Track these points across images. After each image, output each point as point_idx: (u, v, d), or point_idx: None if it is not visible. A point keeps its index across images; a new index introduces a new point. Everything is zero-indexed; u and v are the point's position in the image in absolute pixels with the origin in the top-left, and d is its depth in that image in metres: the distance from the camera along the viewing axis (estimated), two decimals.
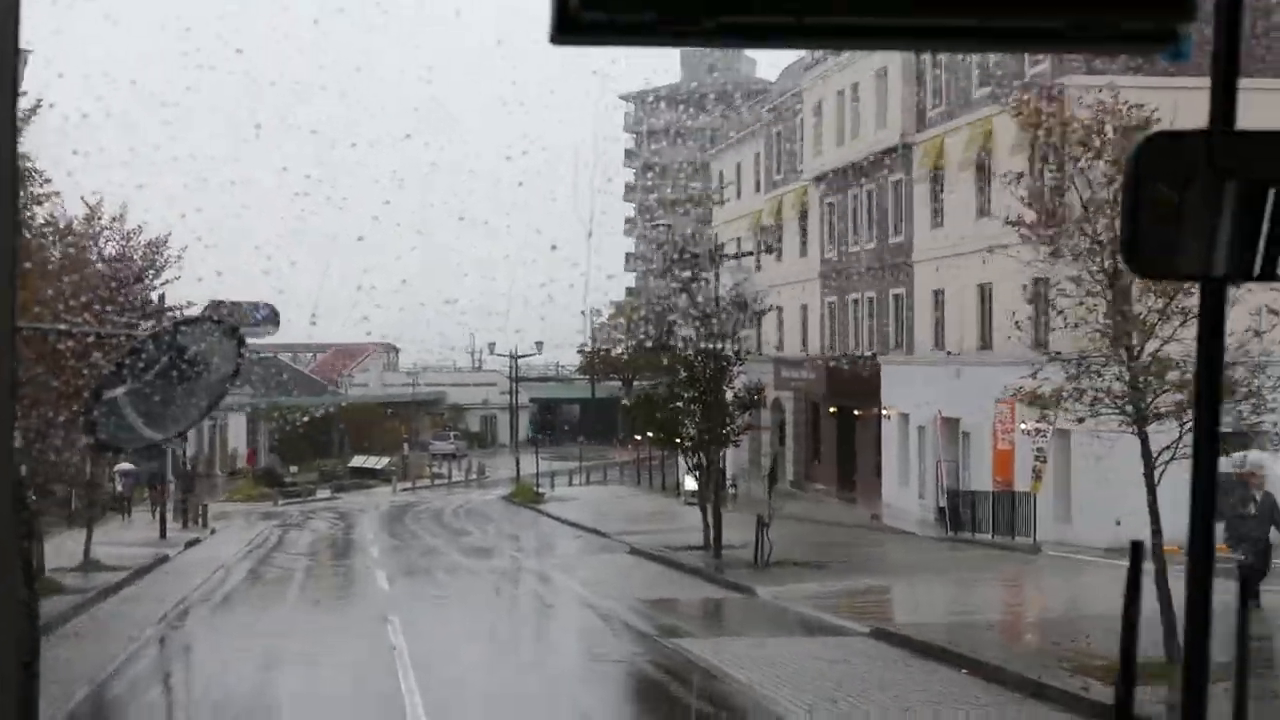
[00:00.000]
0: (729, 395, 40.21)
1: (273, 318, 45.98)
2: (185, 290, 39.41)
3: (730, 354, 39.83)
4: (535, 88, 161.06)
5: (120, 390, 4.51)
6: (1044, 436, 37.03)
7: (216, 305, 45.03)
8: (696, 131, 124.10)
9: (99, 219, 31.62)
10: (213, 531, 51.69)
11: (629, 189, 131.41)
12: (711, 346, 38.98)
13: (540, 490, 67.98)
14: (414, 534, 50.63)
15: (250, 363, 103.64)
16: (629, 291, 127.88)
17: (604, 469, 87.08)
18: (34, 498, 37.49)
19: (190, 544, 45.09)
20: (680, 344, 40.59)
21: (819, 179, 61.11)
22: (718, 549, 37.68)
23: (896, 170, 53.31)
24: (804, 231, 63.22)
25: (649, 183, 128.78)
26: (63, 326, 33.25)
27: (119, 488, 62.77)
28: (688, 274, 42.03)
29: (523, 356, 74.36)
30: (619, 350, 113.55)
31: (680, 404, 39.86)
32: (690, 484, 62.68)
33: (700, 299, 40.46)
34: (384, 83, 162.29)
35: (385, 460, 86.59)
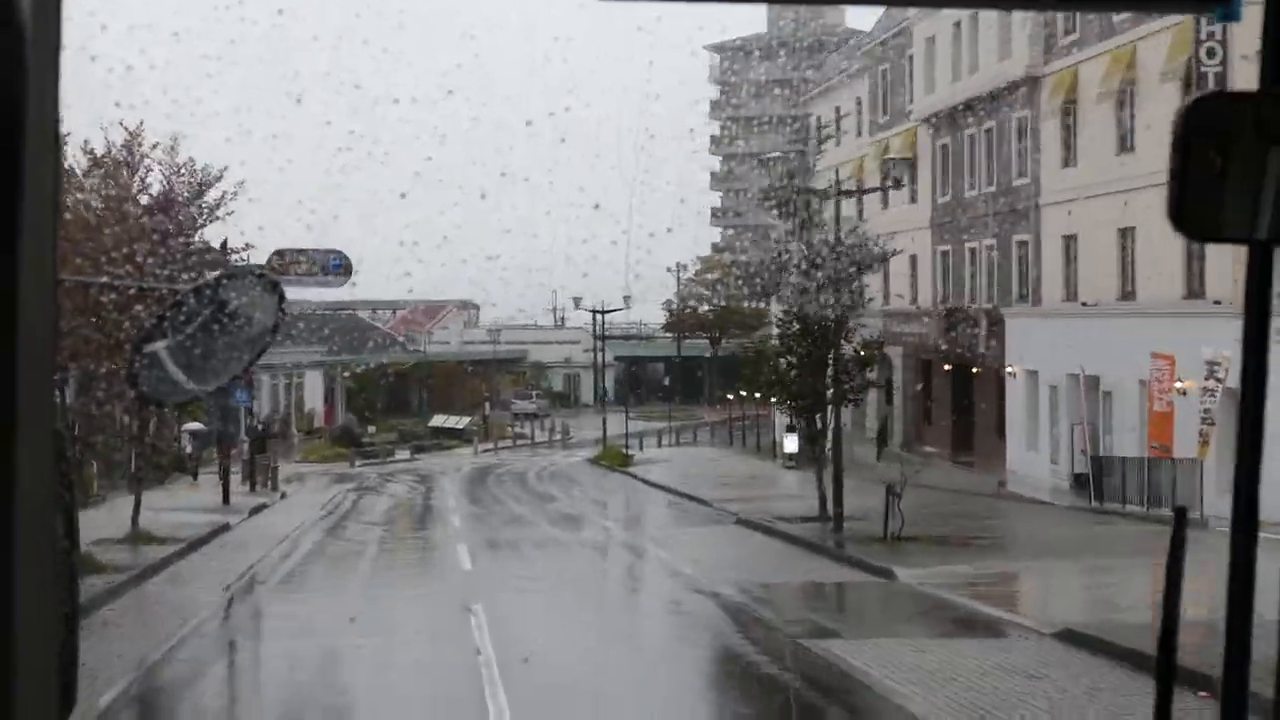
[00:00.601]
0: (847, 350, 35.80)
1: (346, 266, 41.95)
2: (232, 241, 35.71)
3: (848, 303, 35.30)
4: (580, 43, 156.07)
5: (162, 343, 4.34)
6: (1212, 397, 32.29)
7: (283, 254, 41.08)
8: (785, 82, 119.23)
9: (139, 145, 27.74)
10: (283, 495, 47.91)
11: (714, 142, 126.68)
12: (830, 297, 34.48)
13: (629, 452, 63.76)
14: (497, 499, 46.62)
15: (326, 319, 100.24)
16: (714, 248, 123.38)
17: (692, 429, 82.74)
18: (77, 450, 33.61)
19: (256, 510, 41.23)
20: (791, 293, 36.10)
21: (930, 120, 56.35)
22: (839, 521, 33.35)
23: (1021, 106, 48.47)
24: (913, 176, 58.38)
25: (736, 133, 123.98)
26: (104, 279, 29.63)
27: (187, 448, 59.45)
28: (800, 218, 37.50)
29: (610, 311, 69.79)
30: (706, 307, 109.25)
31: (794, 359, 35.46)
32: (790, 445, 58.48)
33: (815, 242, 35.95)
34: (426, 39, 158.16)
35: (466, 420, 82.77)
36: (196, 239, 30.20)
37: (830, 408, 35.47)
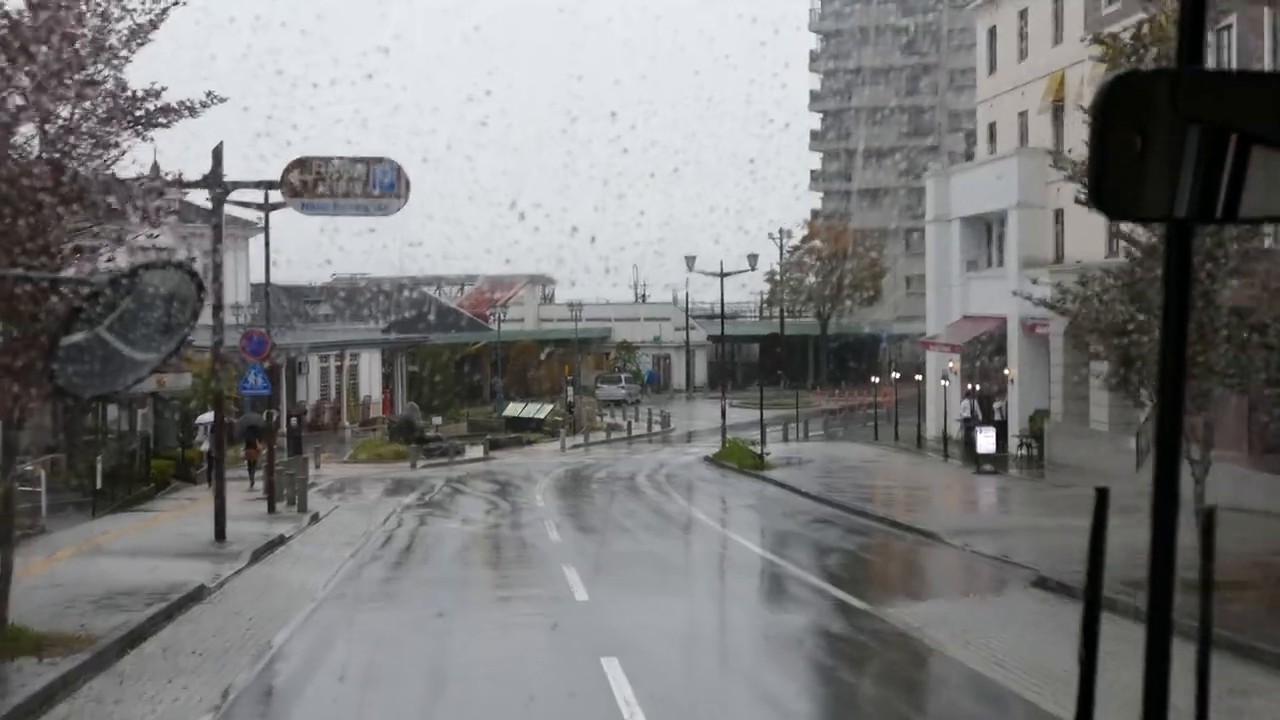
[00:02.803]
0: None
1: (400, 183, 27.43)
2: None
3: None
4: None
5: (80, 336, 4.07)
6: None
7: (305, 166, 26.70)
8: (898, 29, 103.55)
9: None
10: (314, 518, 33.24)
11: (815, 98, 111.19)
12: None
13: (762, 451, 48.61)
14: (619, 526, 31.77)
15: (381, 291, 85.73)
16: (814, 214, 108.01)
17: (811, 420, 67.42)
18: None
19: (261, 553, 26.47)
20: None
21: None
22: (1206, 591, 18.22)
23: None
24: None
25: (842, 88, 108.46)
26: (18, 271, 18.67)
27: (203, 444, 45.12)
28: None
29: (732, 274, 54.66)
30: (812, 278, 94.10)
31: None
32: (986, 444, 43.48)
33: None
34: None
35: (547, 409, 67.91)
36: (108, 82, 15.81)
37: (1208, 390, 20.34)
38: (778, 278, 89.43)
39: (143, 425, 40.30)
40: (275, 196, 31.96)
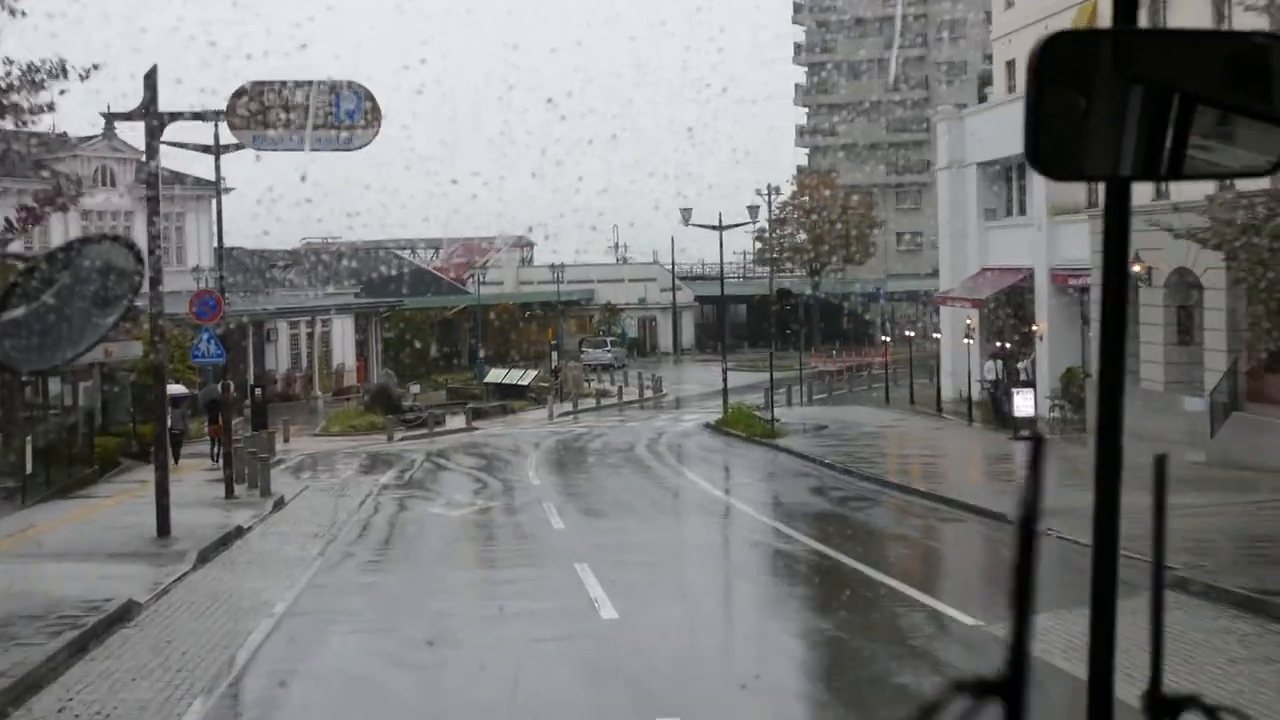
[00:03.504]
0: None
1: (368, 110, 22.90)
2: None
3: None
4: None
5: (19, 310, 4.00)
6: None
7: (255, 93, 22.14)
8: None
9: None
10: (277, 504, 28.59)
11: (799, 50, 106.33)
12: None
13: (771, 418, 43.99)
14: (629, 508, 27.23)
15: (354, 252, 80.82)
16: (800, 170, 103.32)
17: (812, 382, 62.77)
18: None
19: (211, 552, 21.79)
20: None
21: None
22: None
23: None
24: None
25: (827, 43, 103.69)
26: None
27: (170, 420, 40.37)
28: None
29: (732, 226, 50.02)
30: (803, 235, 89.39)
31: None
32: (1024, 406, 39.03)
33: None
34: None
35: (531, 374, 63.21)
36: None
37: None
38: (766, 234, 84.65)
39: (86, 399, 35.52)
40: (227, 136, 27.29)
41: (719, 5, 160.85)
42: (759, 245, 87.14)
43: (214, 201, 66.45)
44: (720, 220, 49.60)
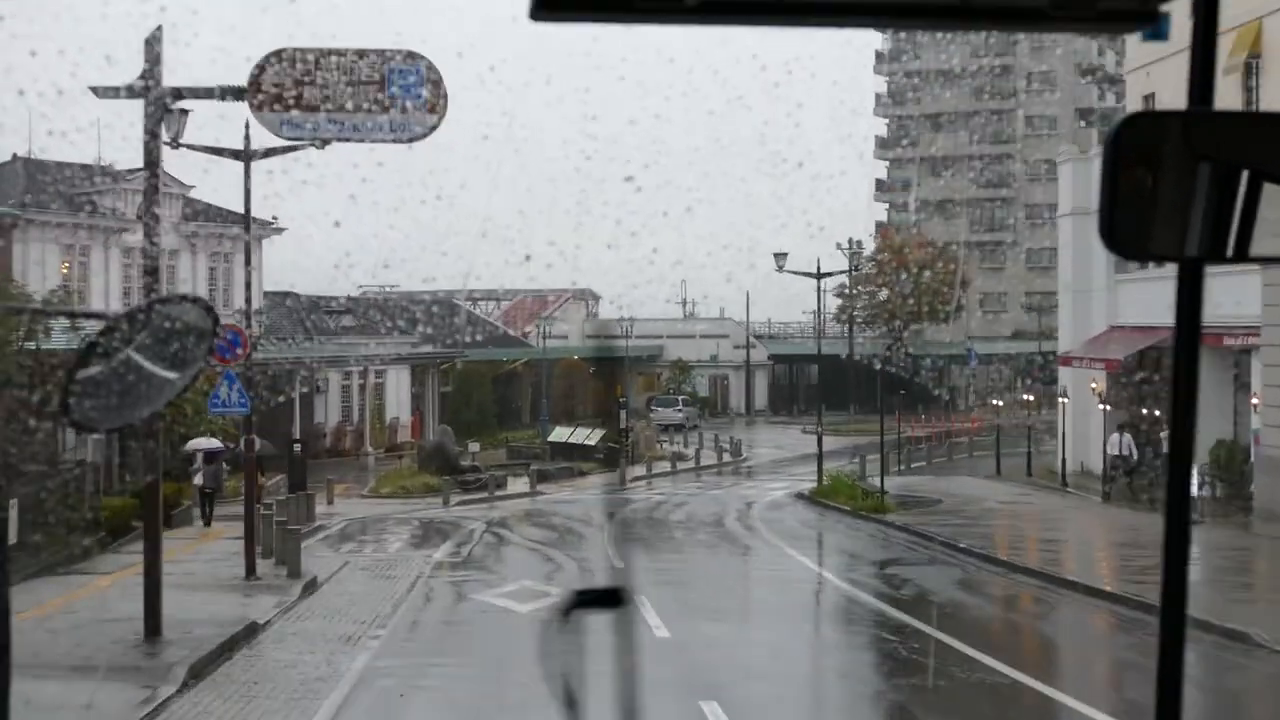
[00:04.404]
0: None
1: (435, 93, 17.50)
2: None
3: None
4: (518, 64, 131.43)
5: (96, 369, 3.86)
6: None
7: (283, 55, 16.79)
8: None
9: None
10: (308, 587, 23.03)
11: (879, 101, 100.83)
12: None
13: (881, 489, 37.97)
14: (749, 605, 21.48)
15: (413, 302, 75.71)
16: (878, 226, 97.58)
17: (900, 449, 56.56)
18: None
19: (196, 675, 16.06)
20: None
21: None
22: None
23: None
24: None
25: (907, 90, 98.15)
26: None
27: (197, 478, 35.26)
28: None
29: (828, 275, 44.28)
30: (885, 294, 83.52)
31: None
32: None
33: None
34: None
35: (599, 434, 57.46)
36: None
37: None
38: (848, 291, 78.80)
39: (93, 453, 30.13)
40: (263, 139, 22.03)
41: (798, 82, 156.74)
42: (840, 302, 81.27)
43: (264, 242, 61.91)
44: (818, 267, 43.86)
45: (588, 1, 1.81)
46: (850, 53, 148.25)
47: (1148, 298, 40.81)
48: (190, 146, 23.37)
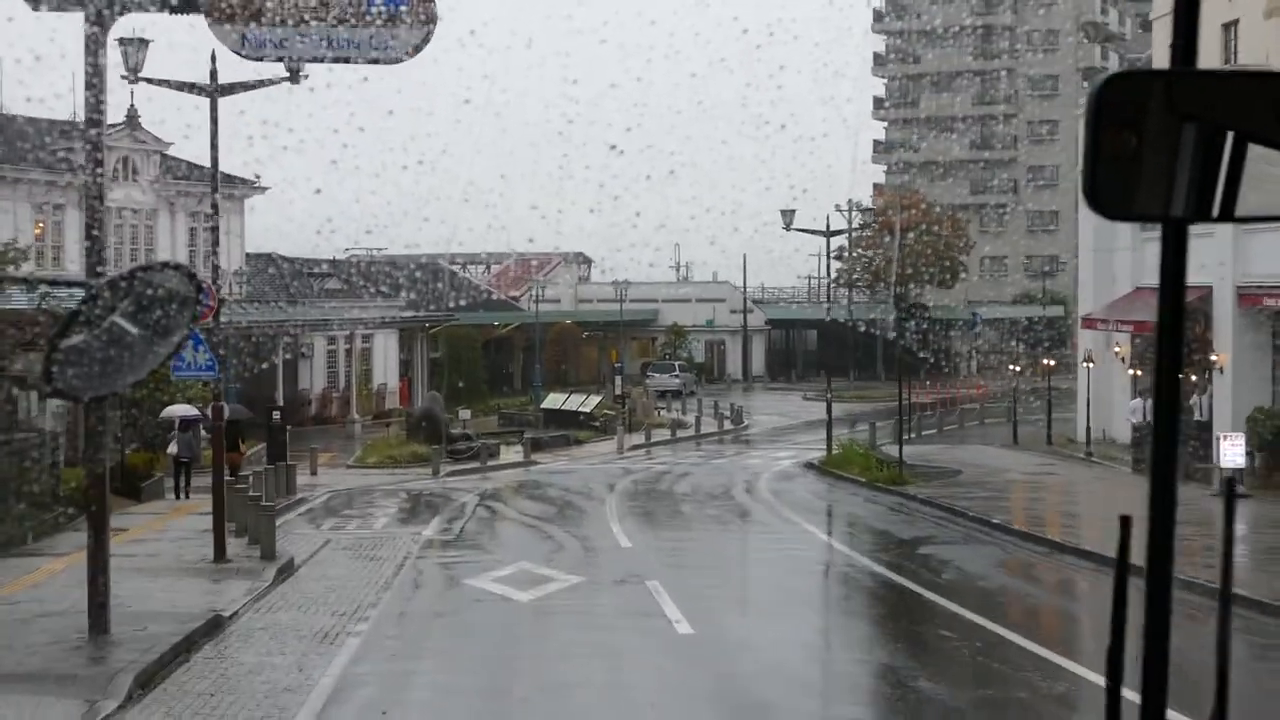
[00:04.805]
0: None
1: (417, 8, 14.88)
2: None
3: None
4: None
5: (80, 337, 4.04)
6: None
7: None
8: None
9: None
10: (284, 571, 20.58)
11: (879, 60, 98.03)
12: None
13: (900, 459, 35.44)
14: (771, 592, 19.07)
15: (400, 265, 73.08)
16: (876, 187, 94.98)
17: (906, 415, 54.02)
18: None
19: (144, 685, 13.52)
20: None
21: None
22: None
23: None
24: None
25: (910, 41, 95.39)
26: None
27: (172, 447, 32.90)
28: None
29: (837, 233, 41.67)
30: (892, 254, 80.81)
31: None
32: (1233, 456, 30.54)
33: None
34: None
35: (594, 400, 55.03)
36: None
37: None
38: (848, 254, 76.27)
39: (53, 422, 27.58)
40: (232, 70, 19.52)
41: (779, 44, 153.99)
42: (839, 266, 78.69)
43: (245, 202, 59.16)
44: (828, 225, 41.20)
45: None
46: (833, 13, 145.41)
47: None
48: (149, 80, 20.78)
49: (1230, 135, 2.01)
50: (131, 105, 55.05)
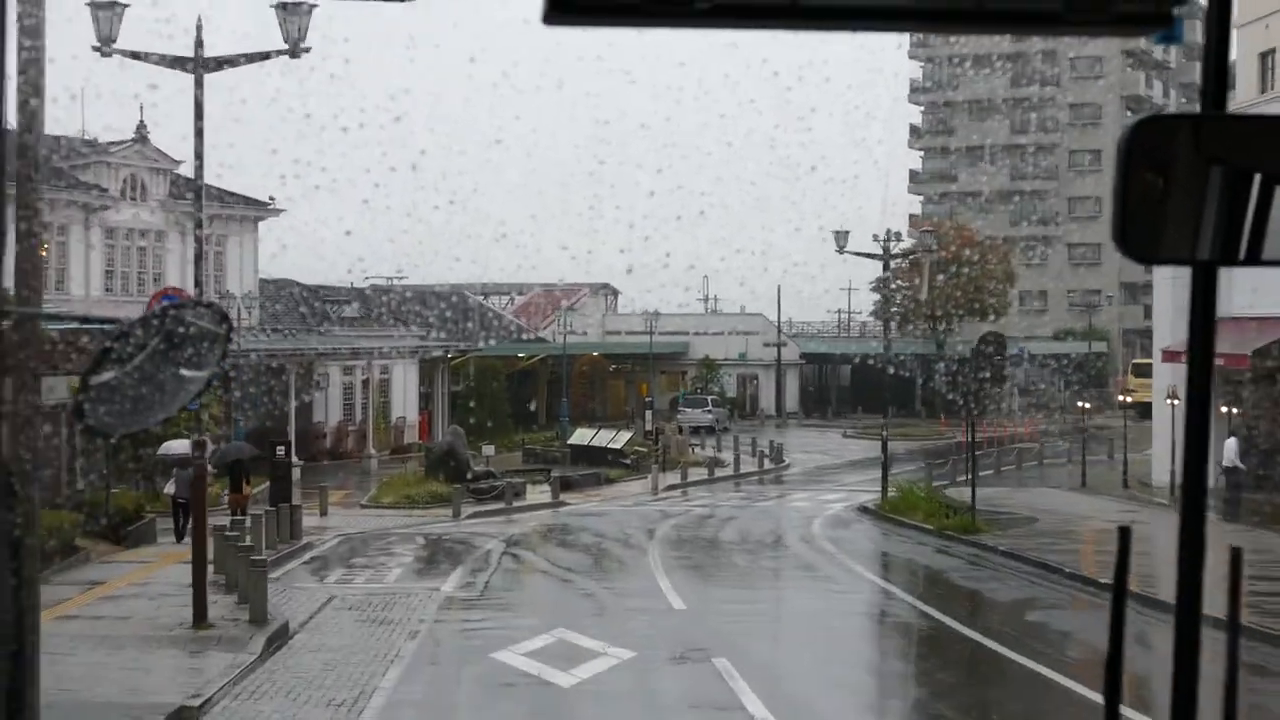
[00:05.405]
0: None
1: None
2: None
3: None
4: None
5: (109, 374, 3.95)
6: None
7: None
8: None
9: None
10: (274, 640, 16.98)
11: (914, 89, 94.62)
12: None
13: (972, 505, 31.67)
14: (867, 674, 15.38)
15: (423, 295, 69.70)
16: (911, 219, 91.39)
17: (950, 455, 50.42)
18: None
19: None
20: None
21: None
22: None
23: None
24: None
25: (942, 77, 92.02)
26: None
27: (169, 486, 29.49)
28: None
29: (891, 256, 38.26)
30: (925, 293, 77.32)
31: None
32: None
33: None
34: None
35: (624, 436, 51.43)
36: None
37: None
38: (892, 284, 72.59)
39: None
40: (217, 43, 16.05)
41: (810, 86, 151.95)
42: (878, 299, 75.02)
43: (259, 224, 55.78)
44: (885, 248, 37.70)
45: (600, 5, 1.80)
46: (865, 55, 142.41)
47: (1266, 284, 34.82)
48: (123, 53, 17.36)
49: (1257, 178, 1.98)
50: (141, 122, 52.04)
